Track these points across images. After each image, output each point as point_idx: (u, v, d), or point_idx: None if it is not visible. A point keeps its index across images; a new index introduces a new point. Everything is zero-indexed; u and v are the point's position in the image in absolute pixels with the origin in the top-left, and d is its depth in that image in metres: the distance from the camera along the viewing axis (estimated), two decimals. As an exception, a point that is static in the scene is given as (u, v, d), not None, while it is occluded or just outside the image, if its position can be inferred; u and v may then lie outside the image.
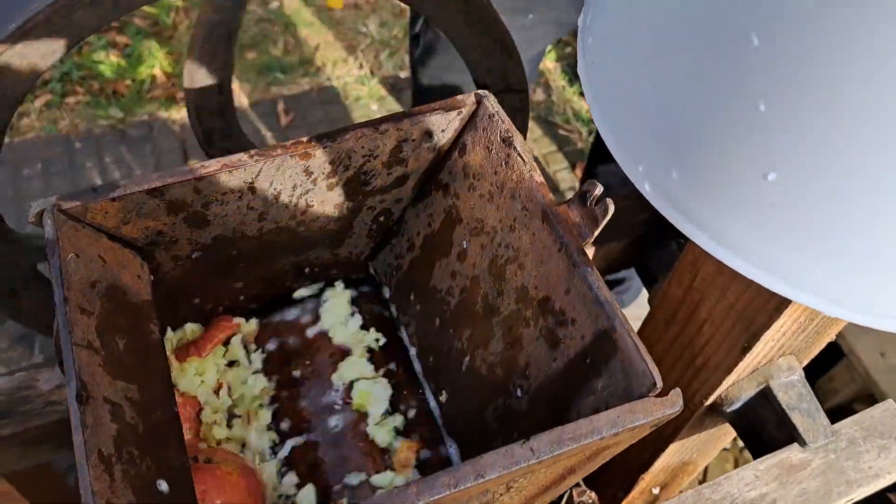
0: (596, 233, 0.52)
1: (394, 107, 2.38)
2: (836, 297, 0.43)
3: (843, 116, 0.35)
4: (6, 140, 2.30)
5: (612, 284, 1.61)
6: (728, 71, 0.36)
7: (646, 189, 0.44)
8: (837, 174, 0.37)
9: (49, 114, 2.43)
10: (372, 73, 2.59)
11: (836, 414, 1.10)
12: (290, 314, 0.69)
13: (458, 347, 0.61)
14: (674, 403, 0.46)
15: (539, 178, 0.55)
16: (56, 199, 0.52)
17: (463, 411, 0.60)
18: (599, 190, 0.52)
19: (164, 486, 0.47)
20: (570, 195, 2.14)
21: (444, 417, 0.62)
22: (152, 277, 0.58)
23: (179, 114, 2.34)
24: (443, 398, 0.62)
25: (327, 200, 0.61)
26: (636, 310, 1.87)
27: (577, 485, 0.95)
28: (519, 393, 0.56)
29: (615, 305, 0.49)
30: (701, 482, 1.75)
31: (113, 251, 0.55)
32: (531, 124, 2.30)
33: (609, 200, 0.51)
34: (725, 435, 0.96)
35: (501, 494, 0.50)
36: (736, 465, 1.75)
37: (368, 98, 2.44)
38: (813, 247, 0.41)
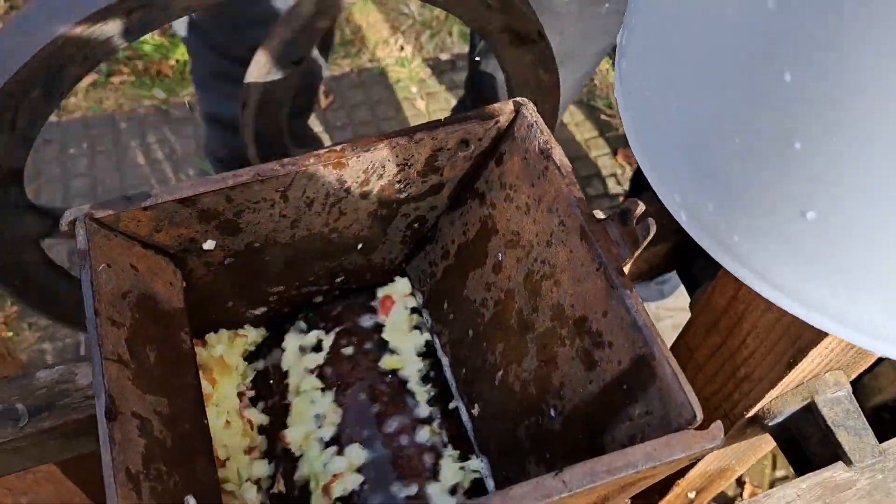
0: (636, 253, 0.50)
1: (434, 89, 2.35)
2: (883, 334, 0.41)
3: (881, 154, 0.32)
4: (53, 119, 2.34)
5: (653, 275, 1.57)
6: (761, 108, 0.34)
7: (682, 218, 0.42)
8: (877, 213, 0.35)
9: (95, 93, 2.46)
10: (413, 54, 2.57)
11: (880, 411, 1.07)
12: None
13: (491, 361, 0.60)
14: (714, 437, 0.44)
15: (578, 192, 0.53)
16: (89, 208, 0.51)
17: (495, 427, 0.59)
18: (641, 209, 0.50)
19: (192, 502, 0.47)
20: (610, 182, 2.10)
21: (476, 432, 0.61)
22: (184, 284, 0.58)
23: (221, 96, 2.34)
24: (475, 411, 0.61)
25: (360, 208, 0.60)
26: (676, 300, 1.83)
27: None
28: (553, 413, 0.54)
29: (654, 331, 0.47)
30: (738, 481, 1.72)
31: (145, 259, 0.55)
32: (573, 108, 2.26)
33: (651, 221, 0.49)
34: (767, 443, 0.94)
35: (531, 520, 0.49)
36: (774, 465, 1.72)
37: (409, 80, 2.41)
38: (855, 284, 0.39)
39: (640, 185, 1.54)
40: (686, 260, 0.90)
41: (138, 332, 0.50)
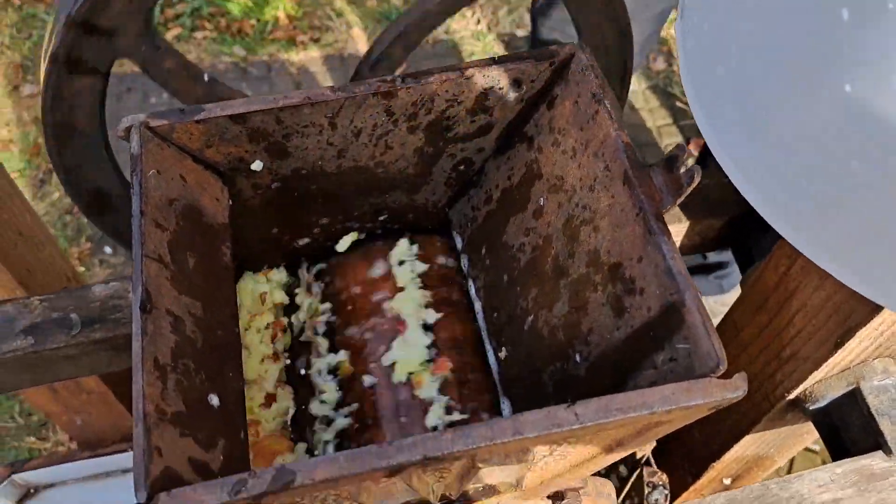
0: (678, 200, 0.49)
1: (507, 65, 2.33)
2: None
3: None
4: (137, 70, 2.42)
5: (712, 268, 1.54)
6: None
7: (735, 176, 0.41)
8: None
9: (178, 46, 2.54)
10: (489, 28, 2.56)
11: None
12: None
13: (523, 306, 0.60)
14: (736, 387, 0.43)
15: (626, 138, 0.52)
16: (145, 116, 0.53)
17: (520, 371, 0.59)
18: (687, 155, 0.49)
19: (215, 400, 0.48)
20: (679, 171, 2.05)
21: (501, 376, 0.61)
22: (231, 202, 0.59)
23: (297, 56, 2.39)
24: (502, 355, 0.61)
25: (407, 143, 0.61)
26: (735, 297, 1.78)
27: (648, 463, 0.92)
28: (578, 359, 0.54)
29: (688, 279, 0.46)
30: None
31: (195, 172, 0.56)
32: (647, 93, 2.21)
33: (697, 168, 0.48)
34: (808, 433, 0.91)
35: (545, 456, 0.49)
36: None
37: (483, 54, 2.40)
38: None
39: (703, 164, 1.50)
40: (742, 236, 0.87)
41: (181, 238, 0.52)
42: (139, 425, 0.42)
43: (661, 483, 0.92)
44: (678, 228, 0.85)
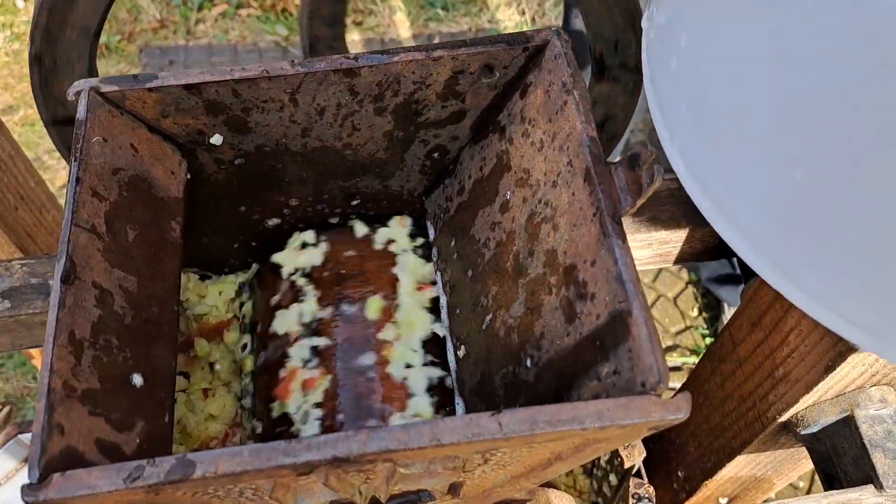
0: (638, 202, 0.45)
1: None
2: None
3: None
4: (181, 42, 2.44)
5: (728, 279, 1.47)
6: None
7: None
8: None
9: (222, 23, 2.55)
10: (533, 20, 2.51)
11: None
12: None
13: (483, 304, 0.57)
14: (678, 408, 0.40)
15: (592, 131, 0.49)
16: (97, 80, 0.51)
17: (475, 372, 0.56)
18: (651, 155, 0.45)
19: (138, 379, 0.47)
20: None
21: (458, 374, 0.58)
22: (189, 176, 0.58)
23: (333, 37, 2.38)
24: (460, 353, 0.58)
25: (375, 126, 0.58)
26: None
27: (638, 474, 0.88)
28: (529, 363, 0.50)
29: (637, 287, 0.43)
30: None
31: (150, 143, 0.55)
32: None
33: (658, 168, 0.44)
34: (806, 459, 0.86)
35: (479, 465, 0.46)
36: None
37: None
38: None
39: None
40: (745, 246, 0.82)
41: (122, 209, 0.50)
42: (42, 400, 0.40)
43: (646, 496, 0.88)
44: (678, 234, 0.80)
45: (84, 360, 0.43)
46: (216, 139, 0.57)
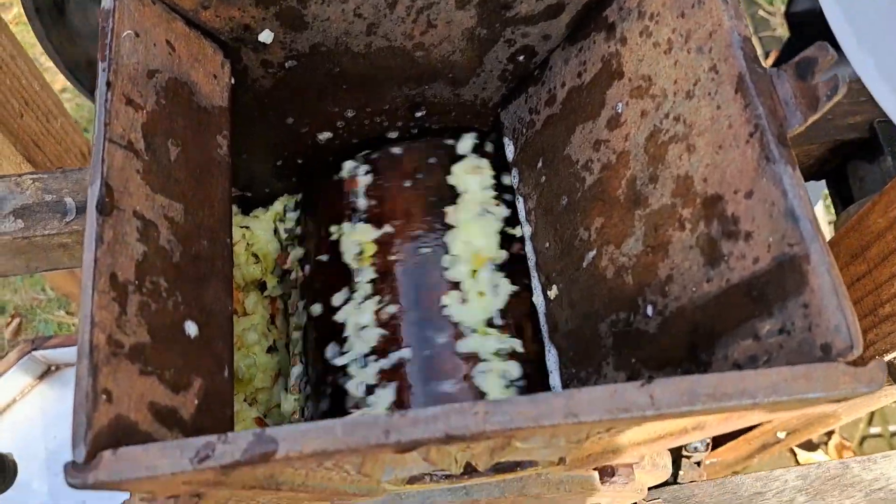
0: (812, 119, 0.36)
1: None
2: None
3: None
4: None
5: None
6: None
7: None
8: None
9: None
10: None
11: None
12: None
13: (583, 238, 0.48)
14: (871, 380, 0.32)
15: (745, 29, 0.39)
16: (123, -41, 0.41)
17: (573, 316, 0.49)
18: (832, 58, 0.36)
19: (192, 328, 0.39)
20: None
21: (548, 317, 0.51)
22: (233, 81, 0.48)
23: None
24: (552, 293, 0.51)
25: (454, 22, 0.48)
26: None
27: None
28: (649, 311, 0.43)
29: (816, 227, 0.34)
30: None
31: (187, 40, 0.45)
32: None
33: (841, 77, 0.35)
34: (888, 396, 0.80)
35: (599, 434, 0.39)
36: (870, 420, 1.56)
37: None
38: None
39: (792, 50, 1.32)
40: (843, 167, 0.74)
41: (161, 120, 0.41)
42: (84, 361, 0.33)
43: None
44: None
45: (130, 309, 0.35)
46: (265, 36, 0.47)
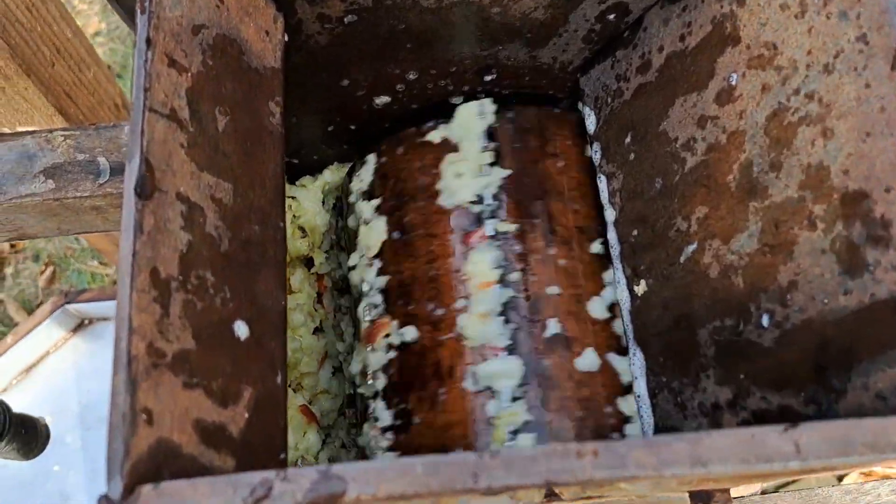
0: None
1: None
2: None
3: None
4: None
5: None
6: None
7: None
8: None
9: None
10: None
11: None
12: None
13: (681, 228, 0.42)
14: None
15: (907, -10, 0.32)
16: None
17: (664, 317, 0.43)
18: None
19: (242, 329, 0.34)
20: None
21: (635, 315, 0.45)
22: (286, 38, 0.42)
23: None
24: (639, 289, 0.45)
25: (543, -27, 0.42)
26: None
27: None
28: (765, 321, 0.37)
29: None
30: None
31: (237, -11, 0.39)
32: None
33: None
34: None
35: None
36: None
37: None
38: None
39: None
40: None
41: (208, 84, 0.36)
42: (120, 374, 0.28)
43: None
44: None
45: (173, 310, 0.30)
46: (325, -14, 0.41)
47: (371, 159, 0.52)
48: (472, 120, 0.49)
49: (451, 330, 0.45)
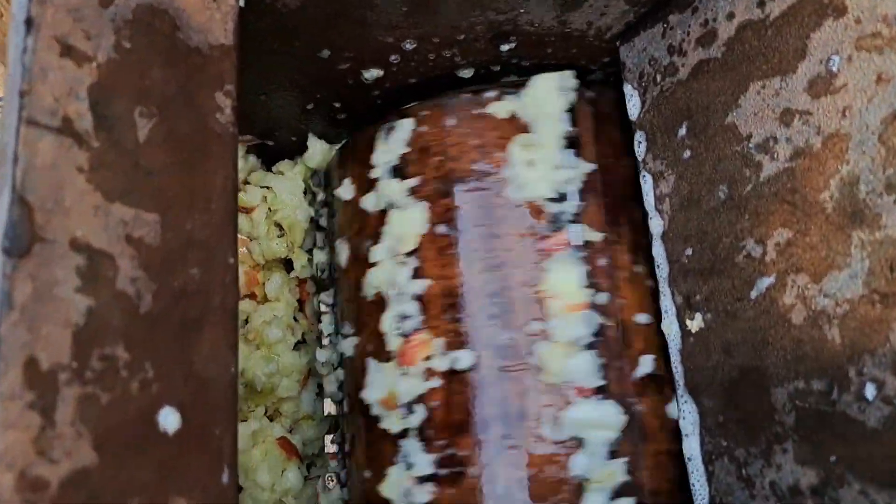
0: None
1: None
2: None
3: None
4: None
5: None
6: None
7: None
8: None
9: None
10: None
11: None
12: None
13: (752, 254, 0.33)
14: None
15: None
16: None
17: (726, 364, 0.34)
18: None
19: (171, 419, 0.25)
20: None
21: (687, 358, 0.36)
22: (242, 2, 0.32)
23: None
24: (693, 324, 0.36)
25: (581, -85, 0.31)
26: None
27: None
28: (869, 392, 0.28)
29: None
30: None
31: (168, -61, 0.29)
32: None
33: None
34: None
35: None
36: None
37: None
38: None
39: None
40: None
41: (123, 77, 0.26)
42: (-25, 523, 0.19)
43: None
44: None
45: (61, 415, 0.22)
46: (289, -67, 0.31)
47: (405, 125, 0.41)
48: (550, 95, 0.39)
49: (520, 359, 0.37)
